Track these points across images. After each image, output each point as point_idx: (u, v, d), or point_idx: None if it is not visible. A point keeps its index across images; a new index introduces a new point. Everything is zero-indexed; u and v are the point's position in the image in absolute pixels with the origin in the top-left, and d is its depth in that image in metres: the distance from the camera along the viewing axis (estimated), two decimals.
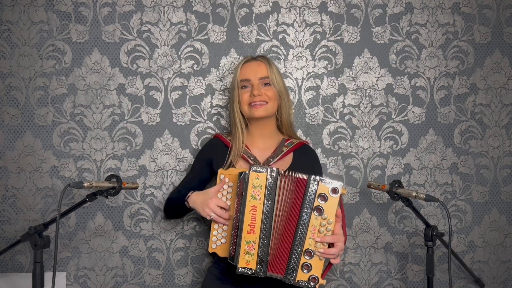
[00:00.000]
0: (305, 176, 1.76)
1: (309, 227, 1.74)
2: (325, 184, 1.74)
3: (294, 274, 1.74)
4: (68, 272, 2.22)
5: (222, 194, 1.86)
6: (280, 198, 1.77)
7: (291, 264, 1.74)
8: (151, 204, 2.25)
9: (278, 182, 1.77)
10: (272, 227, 1.76)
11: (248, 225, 1.75)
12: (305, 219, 1.73)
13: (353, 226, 2.31)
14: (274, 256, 1.77)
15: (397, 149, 2.33)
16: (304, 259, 1.73)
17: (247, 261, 1.75)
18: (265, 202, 1.75)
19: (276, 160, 1.97)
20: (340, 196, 1.75)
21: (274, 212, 1.77)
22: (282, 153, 1.99)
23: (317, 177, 1.75)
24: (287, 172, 1.79)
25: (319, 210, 1.74)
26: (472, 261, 2.37)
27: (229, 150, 2.00)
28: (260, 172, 1.75)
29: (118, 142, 2.24)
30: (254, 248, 1.74)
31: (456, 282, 2.37)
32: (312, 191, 1.74)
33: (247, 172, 1.77)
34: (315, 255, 1.74)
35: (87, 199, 1.82)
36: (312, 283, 1.73)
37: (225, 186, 1.87)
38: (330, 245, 1.78)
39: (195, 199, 1.90)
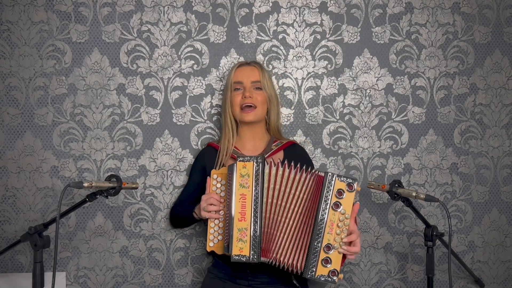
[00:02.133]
0: (321, 173, 1.79)
1: (327, 223, 1.75)
2: (341, 180, 1.77)
3: (314, 269, 1.74)
4: (68, 272, 2.22)
5: (216, 193, 1.89)
6: (271, 185, 1.80)
7: (311, 259, 1.75)
8: (151, 204, 2.25)
9: (267, 170, 1.80)
10: (264, 214, 1.79)
11: (239, 212, 1.78)
12: (324, 215, 1.75)
13: None
14: (269, 242, 1.79)
15: (397, 149, 2.33)
16: (324, 253, 1.75)
17: (240, 248, 1.77)
18: (254, 189, 1.78)
19: (266, 157, 1.99)
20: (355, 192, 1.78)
21: (265, 199, 1.79)
22: (272, 151, 2.03)
23: (333, 174, 1.78)
24: (301, 166, 1.82)
25: (337, 206, 1.76)
26: (472, 261, 2.37)
27: (218, 151, 2.05)
28: (247, 161, 1.80)
29: (118, 142, 2.24)
30: (246, 235, 1.77)
31: (456, 282, 2.37)
32: (329, 187, 1.76)
33: (234, 163, 1.81)
34: (334, 250, 1.75)
35: (87, 199, 1.82)
36: (333, 277, 1.74)
37: (218, 185, 1.90)
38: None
39: (198, 210, 1.95)
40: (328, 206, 1.75)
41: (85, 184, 1.71)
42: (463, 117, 2.36)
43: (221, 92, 2.27)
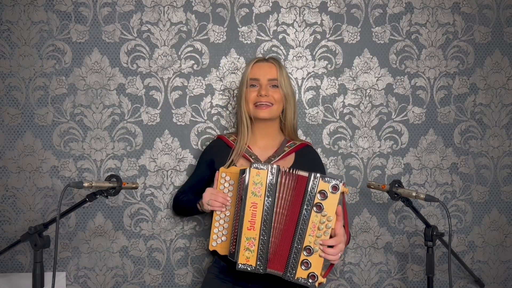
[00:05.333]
0: (305, 174, 1.76)
1: (309, 224, 1.73)
2: (325, 182, 1.73)
3: (294, 271, 1.74)
4: (68, 272, 2.22)
5: (223, 193, 1.87)
6: (280, 195, 1.77)
7: (291, 261, 1.74)
8: (151, 204, 2.25)
9: (279, 179, 1.77)
10: (273, 224, 1.77)
11: (249, 221, 1.75)
12: (305, 216, 1.73)
13: (353, 226, 2.31)
14: (274, 252, 1.77)
15: (397, 149, 2.33)
16: (303, 256, 1.73)
17: (247, 258, 1.75)
18: (266, 199, 1.75)
19: (277, 159, 1.98)
20: (342, 194, 1.74)
21: (275, 209, 1.77)
22: (284, 153, 2.00)
23: (318, 174, 1.74)
24: (289, 169, 1.79)
25: (319, 207, 1.73)
26: (472, 261, 2.37)
27: (232, 149, 2.01)
28: (261, 169, 1.76)
29: (118, 142, 2.24)
30: (254, 245, 1.75)
31: (456, 282, 2.37)
32: (312, 188, 1.73)
33: (248, 169, 1.77)
34: (314, 252, 1.73)
35: (87, 199, 1.82)
36: (310, 280, 1.72)
37: (226, 184, 1.87)
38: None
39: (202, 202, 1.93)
40: (310, 208, 1.72)
41: (85, 184, 1.71)
42: (463, 117, 2.36)
43: (221, 92, 2.27)
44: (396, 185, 1.97)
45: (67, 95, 2.22)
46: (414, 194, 1.90)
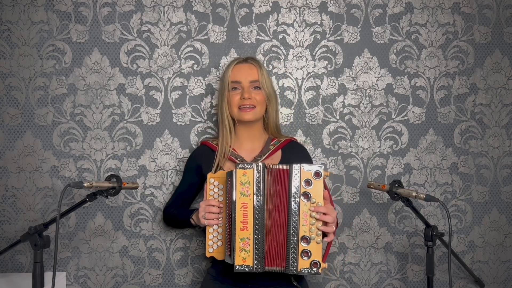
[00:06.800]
0: (286, 166, 1.77)
1: (300, 214, 1.75)
2: (307, 170, 1.76)
3: (296, 264, 1.74)
4: (68, 272, 2.22)
5: (214, 198, 1.87)
6: (268, 192, 1.78)
7: (290, 255, 1.74)
8: (151, 204, 2.25)
9: (266, 176, 1.77)
10: (265, 221, 1.77)
11: (241, 222, 1.75)
12: (295, 207, 1.75)
13: (353, 226, 2.31)
14: (270, 250, 1.77)
15: (397, 149, 2.33)
16: (302, 246, 1.74)
17: (243, 258, 1.75)
18: (255, 197, 1.75)
19: (263, 158, 1.99)
20: (323, 178, 1.77)
21: (265, 206, 1.77)
22: (269, 152, 2.01)
23: (298, 165, 1.76)
24: (270, 166, 1.80)
25: (307, 196, 1.75)
26: (472, 261, 2.37)
27: (216, 152, 2.01)
28: (246, 168, 1.77)
29: (118, 142, 2.24)
30: (249, 245, 1.75)
31: (456, 282, 2.37)
32: (296, 179, 1.75)
33: (234, 170, 1.78)
34: (312, 241, 1.74)
35: (87, 199, 1.82)
36: (314, 269, 1.74)
37: (216, 189, 1.87)
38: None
39: (196, 217, 1.93)
40: (298, 199, 1.75)
41: (85, 184, 1.71)
42: (463, 117, 2.36)
43: None
44: (396, 185, 1.97)
45: (67, 95, 2.22)
46: (414, 194, 1.90)
